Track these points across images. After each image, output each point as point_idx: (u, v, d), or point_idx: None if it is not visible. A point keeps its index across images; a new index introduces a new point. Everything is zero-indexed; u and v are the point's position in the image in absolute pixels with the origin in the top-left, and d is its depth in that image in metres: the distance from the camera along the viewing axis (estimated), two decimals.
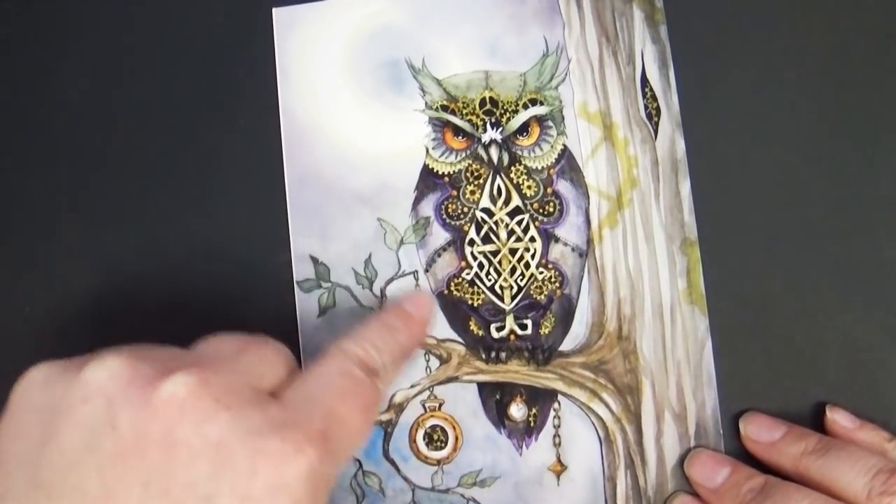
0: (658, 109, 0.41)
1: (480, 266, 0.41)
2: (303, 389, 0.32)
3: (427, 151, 0.42)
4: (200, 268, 0.42)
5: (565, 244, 0.41)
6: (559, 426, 0.40)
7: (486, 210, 0.41)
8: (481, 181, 0.42)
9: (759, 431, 0.38)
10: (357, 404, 0.33)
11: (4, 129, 0.43)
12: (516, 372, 0.41)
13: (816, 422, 0.39)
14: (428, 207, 0.42)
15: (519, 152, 0.42)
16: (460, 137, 0.42)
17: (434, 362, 0.41)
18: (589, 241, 0.41)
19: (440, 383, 0.41)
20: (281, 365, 0.34)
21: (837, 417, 0.38)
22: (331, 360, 0.34)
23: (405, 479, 0.41)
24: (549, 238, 0.41)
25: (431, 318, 0.40)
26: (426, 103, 0.42)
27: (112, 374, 0.30)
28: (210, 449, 0.29)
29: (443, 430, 0.41)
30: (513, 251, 0.41)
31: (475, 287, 0.41)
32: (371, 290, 0.41)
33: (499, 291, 0.41)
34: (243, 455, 0.29)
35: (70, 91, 0.43)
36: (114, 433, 0.29)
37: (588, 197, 0.41)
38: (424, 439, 0.41)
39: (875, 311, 0.40)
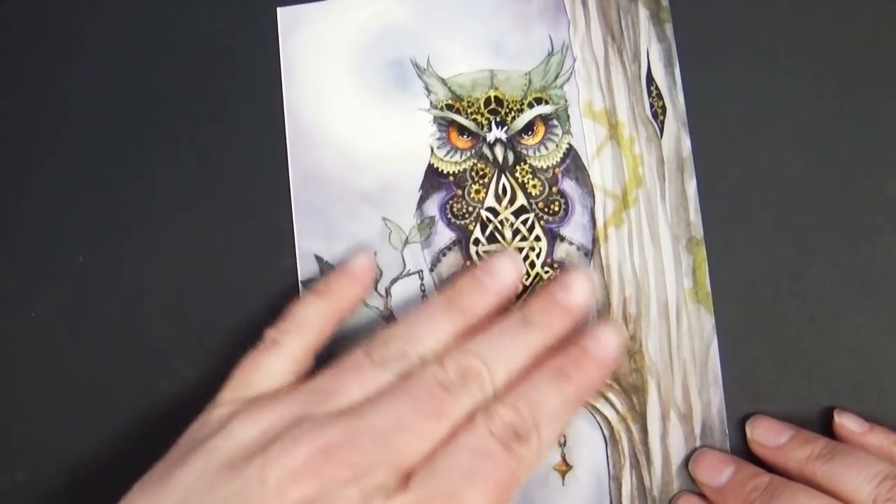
0: (664, 108, 0.41)
1: None
2: (432, 472, 0.31)
3: (432, 151, 0.42)
4: (204, 267, 0.42)
5: (571, 243, 0.41)
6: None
7: (491, 209, 0.41)
8: (486, 180, 0.42)
9: (766, 435, 0.38)
10: (487, 487, 0.30)
11: (7, 130, 0.43)
12: None
13: (824, 423, 0.39)
14: (433, 207, 0.42)
15: (524, 151, 0.42)
16: (465, 137, 0.42)
17: None
18: (594, 241, 0.41)
19: None
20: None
21: (845, 422, 0.38)
22: (469, 430, 0.32)
23: None
24: (554, 237, 0.41)
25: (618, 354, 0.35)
26: (431, 102, 0.42)
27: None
28: None
29: None
30: (518, 251, 0.41)
31: None
32: (376, 289, 0.41)
33: None
34: None
35: (73, 90, 0.43)
36: None
37: (593, 196, 0.41)
38: None
39: (883, 313, 0.40)
